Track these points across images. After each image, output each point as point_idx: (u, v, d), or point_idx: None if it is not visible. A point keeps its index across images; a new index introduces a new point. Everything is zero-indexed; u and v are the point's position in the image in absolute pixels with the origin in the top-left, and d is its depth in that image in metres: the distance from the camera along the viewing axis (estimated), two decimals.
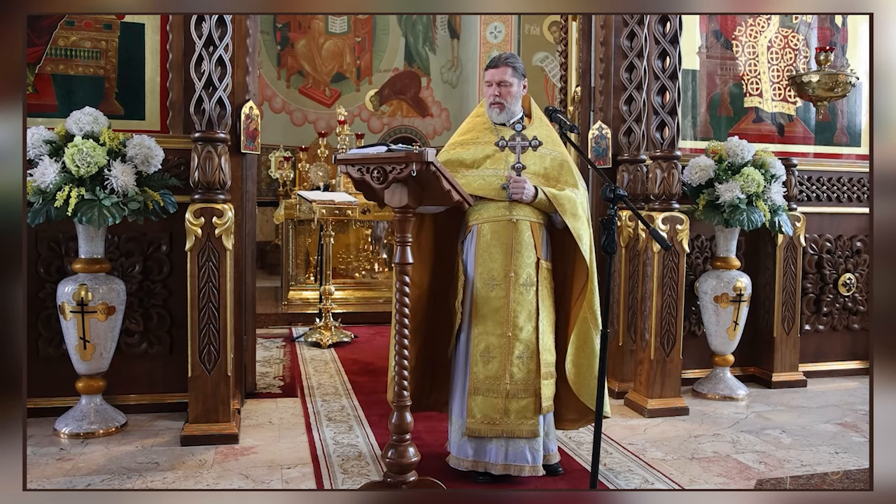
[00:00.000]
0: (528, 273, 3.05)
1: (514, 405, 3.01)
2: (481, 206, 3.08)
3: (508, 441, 3.03)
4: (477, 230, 3.09)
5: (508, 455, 3.04)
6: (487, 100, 3.18)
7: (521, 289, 3.04)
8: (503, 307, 3.02)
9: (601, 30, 4.60)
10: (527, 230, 3.07)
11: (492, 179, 3.06)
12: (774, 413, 4.24)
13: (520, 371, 3.02)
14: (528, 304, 3.04)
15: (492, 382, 3.02)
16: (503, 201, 3.05)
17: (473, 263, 3.08)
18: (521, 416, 3.02)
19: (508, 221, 3.05)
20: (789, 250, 4.79)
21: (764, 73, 5.02)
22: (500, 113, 3.14)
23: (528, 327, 3.04)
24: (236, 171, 3.99)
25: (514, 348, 3.02)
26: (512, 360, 3.01)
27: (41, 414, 3.71)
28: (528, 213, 3.08)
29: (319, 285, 6.48)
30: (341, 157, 2.70)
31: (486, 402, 3.01)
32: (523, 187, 3.01)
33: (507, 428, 3.01)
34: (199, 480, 3.08)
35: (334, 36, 11.17)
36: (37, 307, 3.78)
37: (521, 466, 3.03)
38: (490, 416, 3.01)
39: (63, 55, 3.87)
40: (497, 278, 3.04)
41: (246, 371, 4.27)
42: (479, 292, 3.05)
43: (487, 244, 3.06)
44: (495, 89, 3.13)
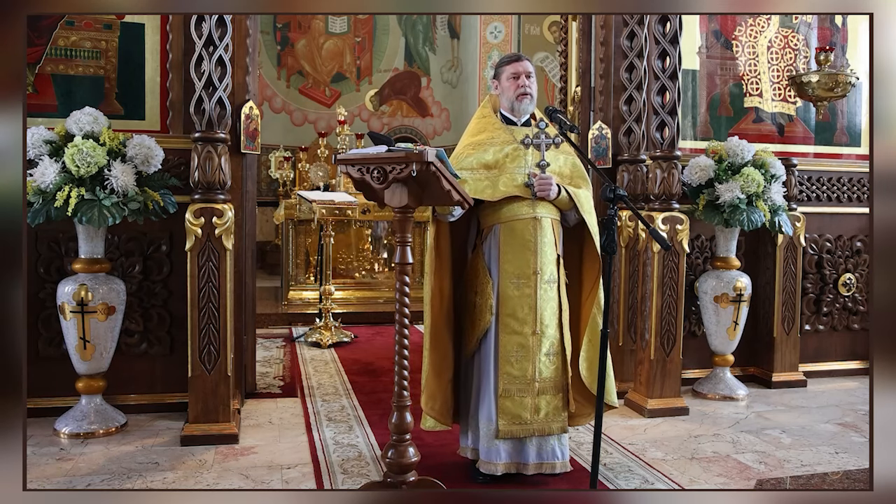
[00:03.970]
0: (552, 270, 3.07)
1: (544, 403, 3.04)
2: (502, 206, 3.06)
3: (540, 440, 3.06)
4: (499, 229, 3.07)
5: (541, 454, 3.07)
6: (514, 91, 3.14)
7: (545, 286, 3.05)
8: (531, 305, 3.02)
9: (601, 30, 4.60)
10: (549, 227, 3.08)
11: (517, 177, 3.06)
12: (774, 413, 4.24)
13: (547, 369, 3.05)
14: (552, 300, 3.06)
15: (522, 382, 3.02)
16: (526, 199, 3.04)
17: (498, 263, 3.06)
18: (552, 413, 3.05)
19: (533, 219, 3.04)
20: (789, 250, 4.79)
21: (764, 73, 5.02)
22: (529, 102, 3.15)
23: (552, 324, 3.06)
24: (236, 171, 3.99)
25: (542, 346, 3.03)
26: (540, 358, 3.03)
27: (41, 414, 3.71)
28: (550, 209, 3.09)
29: (319, 285, 6.48)
30: (341, 157, 2.70)
31: (517, 403, 3.01)
32: (550, 184, 3.01)
33: (539, 427, 3.03)
34: (199, 480, 3.08)
35: (334, 36, 11.17)
36: (37, 307, 3.78)
37: (553, 464, 3.08)
38: (521, 415, 3.01)
39: (63, 55, 3.87)
40: (524, 276, 3.03)
41: (246, 371, 4.27)
42: (507, 291, 3.04)
43: (513, 243, 3.04)
44: (523, 80, 3.12)
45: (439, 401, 3.08)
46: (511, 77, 3.15)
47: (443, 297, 3.11)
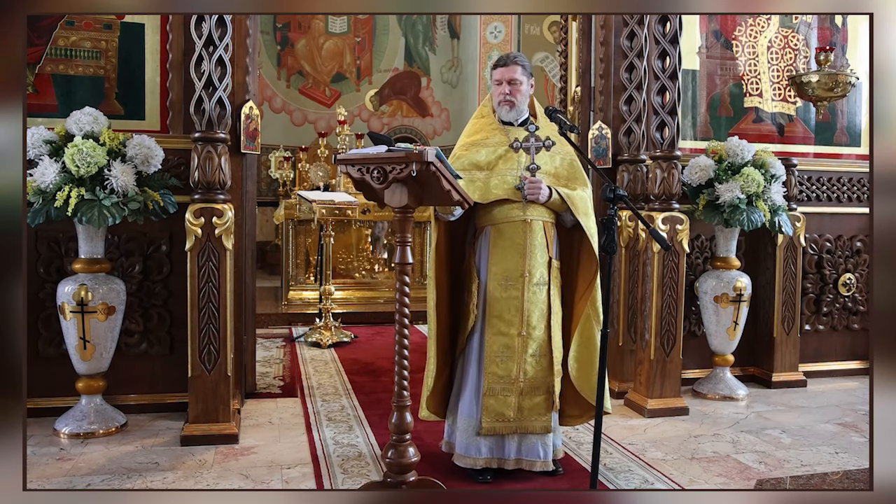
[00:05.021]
0: (541, 273, 3.07)
1: (527, 402, 3.07)
2: (493, 207, 3.07)
3: (522, 437, 3.10)
4: (490, 231, 3.09)
5: (521, 450, 3.11)
6: (496, 98, 3.16)
7: (534, 288, 3.05)
8: (517, 307, 3.04)
9: (601, 30, 4.60)
10: (540, 230, 3.08)
11: (508, 180, 3.06)
12: (774, 413, 4.24)
13: (533, 369, 3.07)
14: (540, 303, 3.07)
15: (506, 381, 3.05)
16: (517, 202, 3.05)
17: (487, 264, 3.08)
18: (534, 412, 3.08)
19: (523, 222, 3.05)
20: (789, 250, 4.79)
21: (764, 73, 5.02)
22: (510, 111, 3.14)
23: (540, 326, 3.07)
24: (236, 171, 3.99)
25: (527, 347, 3.05)
26: (525, 359, 3.05)
27: (41, 414, 3.71)
28: (542, 212, 3.09)
29: (319, 285, 6.48)
30: (341, 157, 2.70)
31: (501, 401, 3.05)
32: (539, 188, 3.01)
33: (521, 424, 3.08)
34: (199, 480, 3.08)
35: (334, 36, 11.17)
36: (37, 307, 3.78)
37: (533, 461, 3.11)
38: (505, 413, 3.05)
39: (63, 55, 3.87)
40: (511, 278, 3.05)
41: (246, 371, 4.27)
42: (494, 293, 3.06)
43: (501, 245, 3.06)
44: (505, 87, 3.12)
45: (437, 396, 3.18)
46: (495, 82, 3.17)
47: (442, 296, 3.14)
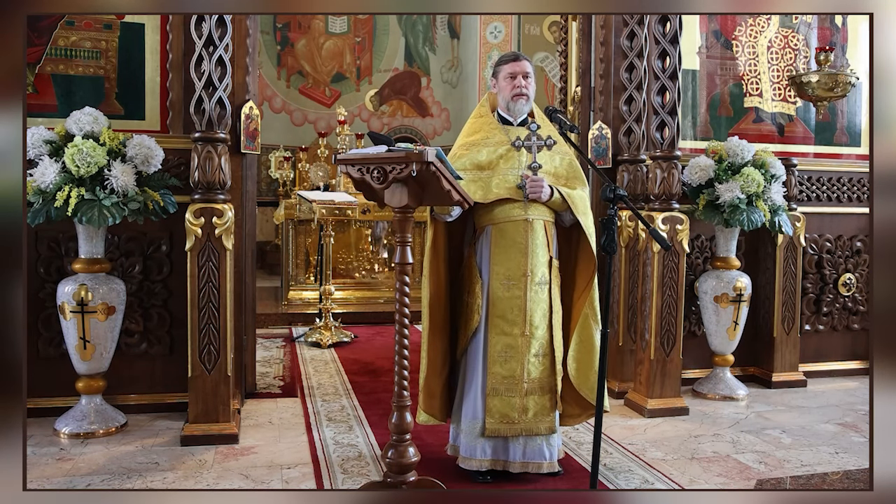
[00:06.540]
0: (543, 272, 3.07)
1: (532, 403, 3.05)
2: (494, 207, 3.07)
3: (527, 439, 3.08)
4: (491, 231, 3.08)
5: (527, 453, 3.09)
6: (510, 91, 3.13)
7: (536, 288, 3.05)
8: (520, 307, 3.03)
9: (601, 30, 4.60)
10: (541, 229, 3.08)
11: (509, 179, 3.05)
12: (774, 413, 4.24)
13: (536, 369, 3.06)
14: (542, 302, 3.07)
15: (510, 382, 3.04)
16: (518, 201, 3.04)
17: (489, 264, 3.07)
18: (539, 414, 3.07)
19: (524, 221, 3.05)
20: (789, 250, 4.79)
21: (764, 73, 5.02)
22: (525, 104, 3.14)
23: (542, 325, 3.07)
24: (236, 171, 3.99)
25: (530, 347, 3.04)
26: (528, 359, 3.04)
27: (41, 414, 3.71)
28: (543, 211, 3.09)
29: (319, 285, 6.48)
30: (341, 157, 2.70)
31: (505, 402, 3.04)
32: (541, 187, 3.01)
33: (527, 426, 3.06)
34: (199, 480, 3.08)
35: (334, 36, 11.17)
36: (37, 307, 3.78)
37: (540, 464, 3.09)
38: (509, 415, 3.03)
39: (63, 55, 3.87)
40: (514, 278, 3.04)
41: (246, 371, 4.27)
42: (496, 293, 3.05)
43: (503, 244, 3.05)
44: (520, 80, 3.11)
45: (436, 399, 3.14)
46: (508, 77, 3.14)
47: (440, 297, 3.13)
